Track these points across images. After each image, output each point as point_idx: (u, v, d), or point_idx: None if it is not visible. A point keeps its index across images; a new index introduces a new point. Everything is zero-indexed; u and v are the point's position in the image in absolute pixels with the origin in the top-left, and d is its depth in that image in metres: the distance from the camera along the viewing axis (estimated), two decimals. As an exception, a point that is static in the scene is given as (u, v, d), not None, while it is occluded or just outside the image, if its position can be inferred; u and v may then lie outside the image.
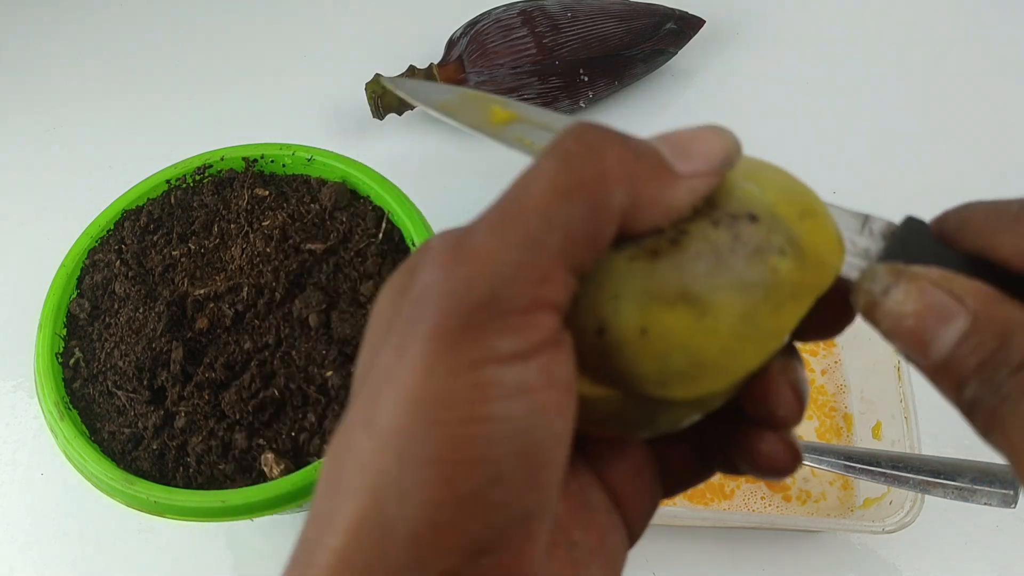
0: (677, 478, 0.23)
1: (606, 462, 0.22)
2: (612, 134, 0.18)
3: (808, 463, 0.43)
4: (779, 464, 0.21)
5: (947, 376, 0.19)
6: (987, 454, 0.50)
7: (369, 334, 0.19)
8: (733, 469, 0.22)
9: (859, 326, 0.21)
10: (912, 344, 0.19)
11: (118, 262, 0.46)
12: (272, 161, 0.49)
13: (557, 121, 0.22)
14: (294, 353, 0.42)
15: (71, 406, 0.42)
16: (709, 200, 0.19)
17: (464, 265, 0.17)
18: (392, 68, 0.63)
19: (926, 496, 0.39)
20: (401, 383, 0.16)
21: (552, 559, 0.19)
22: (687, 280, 0.18)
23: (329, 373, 0.41)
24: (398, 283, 0.18)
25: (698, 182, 0.19)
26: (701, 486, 0.47)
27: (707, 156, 0.19)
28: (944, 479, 0.38)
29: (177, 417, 0.41)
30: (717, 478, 0.47)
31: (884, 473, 0.39)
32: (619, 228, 0.18)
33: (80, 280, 0.46)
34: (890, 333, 0.19)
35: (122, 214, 0.48)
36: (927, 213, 0.23)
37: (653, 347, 0.18)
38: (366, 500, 0.16)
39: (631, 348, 0.18)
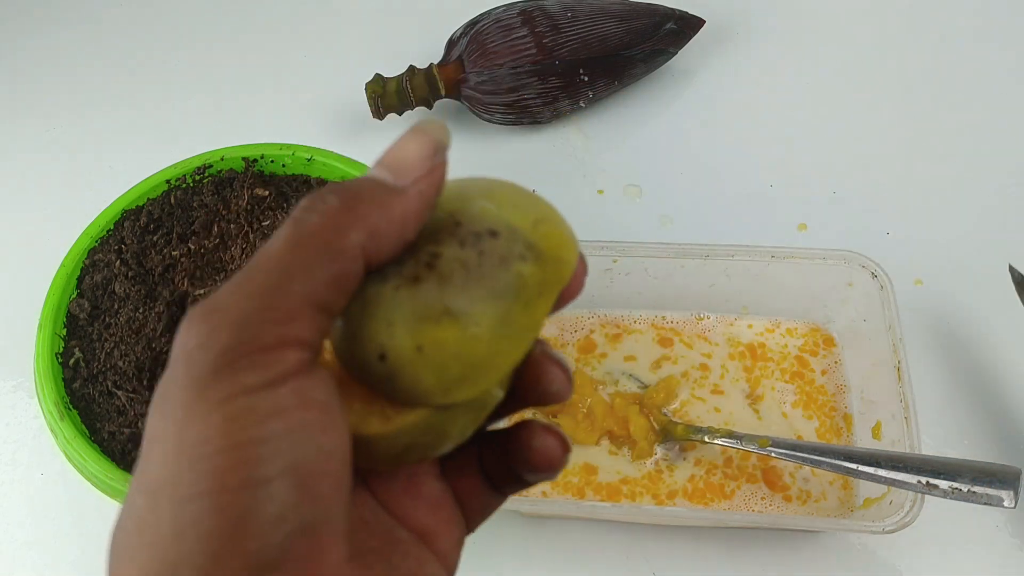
0: (475, 508, 0.24)
1: (404, 505, 0.23)
2: (330, 189, 0.20)
3: (808, 463, 0.43)
4: (554, 455, 0.23)
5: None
6: (987, 454, 0.50)
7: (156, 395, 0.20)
8: (519, 481, 0.24)
9: (859, 326, 0.21)
10: None
11: (118, 262, 0.46)
12: (272, 161, 0.49)
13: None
14: (294, 353, 0.42)
15: (71, 406, 0.42)
16: (454, 219, 0.21)
17: (208, 321, 0.18)
18: (392, 68, 0.63)
19: (926, 496, 0.39)
20: (165, 438, 0.18)
21: (360, 568, 0.20)
22: (447, 298, 0.20)
23: (329, 373, 0.41)
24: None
25: (423, 185, 0.20)
26: (701, 486, 0.47)
27: (419, 158, 0.21)
28: (944, 479, 0.38)
29: (177, 417, 0.41)
30: (718, 478, 0.47)
31: (884, 473, 0.39)
32: (370, 260, 0.20)
33: (80, 280, 0.46)
34: None
35: (122, 214, 0.48)
36: (927, 212, 0.24)
37: (430, 361, 0.20)
38: (147, 555, 0.18)
39: (412, 366, 0.20)
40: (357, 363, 0.21)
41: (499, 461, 0.24)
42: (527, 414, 0.45)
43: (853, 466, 0.41)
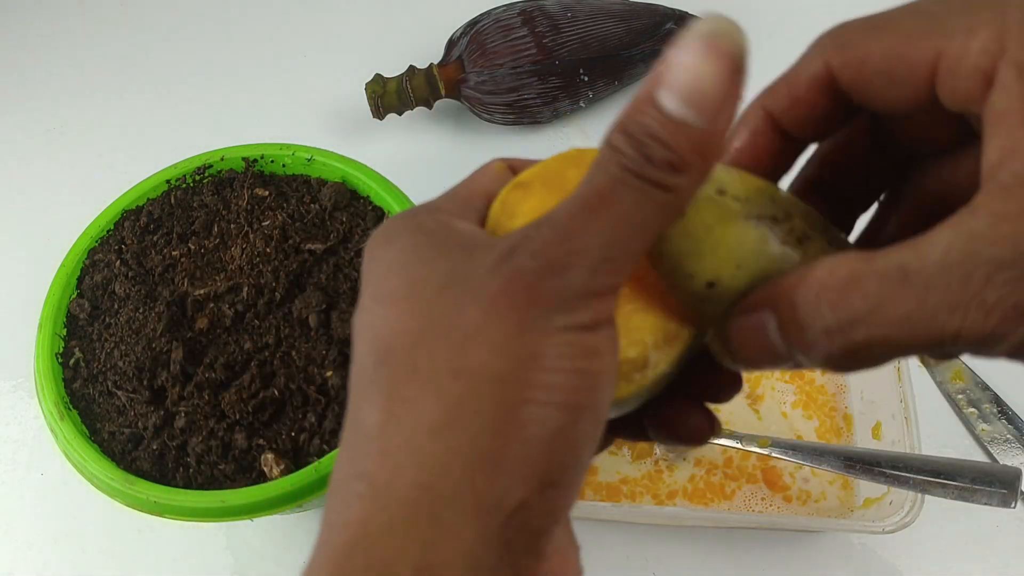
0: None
1: None
2: (641, 131, 0.20)
3: (808, 463, 0.43)
4: (704, 434, 0.24)
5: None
6: (987, 454, 0.50)
7: (410, 279, 0.20)
8: (642, 436, 0.25)
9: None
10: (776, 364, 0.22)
11: (118, 262, 0.46)
12: (272, 161, 0.49)
13: None
14: (294, 353, 0.42)
15: (71, 406, 0.42)
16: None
17: (565, 253, 0.19)
18: (392, 68, 0.63)
19: (926, 496, 0.39)
20: (493, 335, 0.19)
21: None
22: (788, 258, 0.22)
23: (329, 373, 0.41)
24: (439, 244, 0.21)
25: (725, 120, 0.19)
26: (701, 486, 0.47)
27: (722, 89, 0.19)
28: (944, 479, 0.38)
29: (177, 417, 0.41)
30: (719, 478, 0.47)
31: (884, 473, 0.39)
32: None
33: (80, 280, 0.46)
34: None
35: (122, 214, 0.48)
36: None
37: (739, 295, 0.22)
38: (460, 439, 0.18)
39: (729, 298, 0.22)
40: (669, 270, 0.22)
41: (635, 418, 0.24)
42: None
43: (853, 466, 0.41)
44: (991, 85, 0.18)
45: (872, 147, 0.24)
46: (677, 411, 0.24)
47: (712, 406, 0.25)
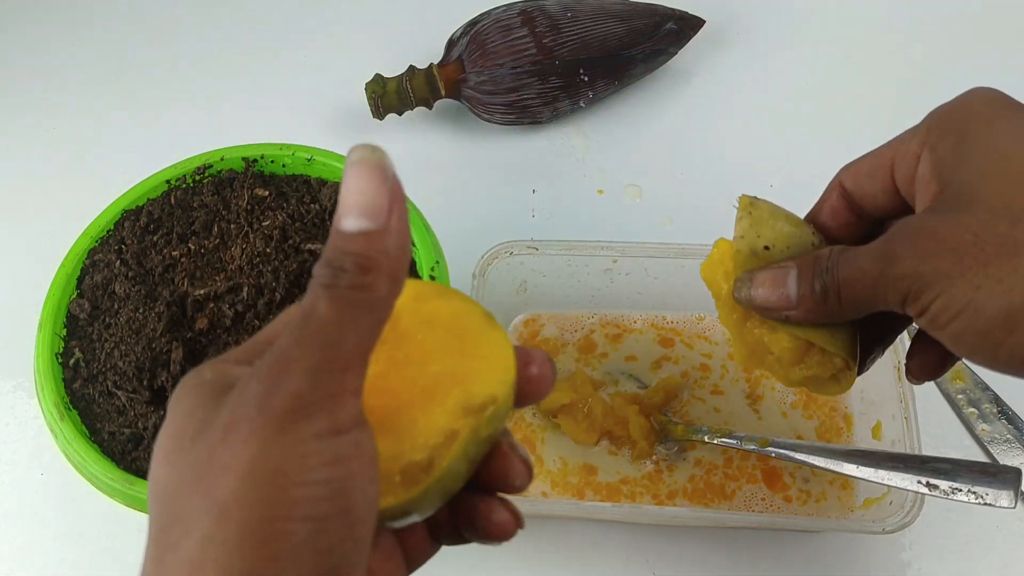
0: (417, 555, 0.27)
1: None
2: (338, 250, 0.22)
3: (808, 463, 0.43)
4: (509, 530, 0.26)
5: (805, 304, 0.31)
6: (987, 454, 0.50)
7: (175, 434, 0.22)
8: (460, 539, 0.27)
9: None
10: (781, 304, 0.31)
11: (118, 262, 0.46)
12: (272, 161, 0.49)
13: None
14: (294, 353, 0.42)
15: (71, 406, 0.42)
16: None
17: (280, 368, 0.21)
18: (392, 68, 0.63)
19: (926, 496, 0.39)
20: (236, 466, 0.20)
21: None
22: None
23: (329, 373, 0.41)
24: (205, 396, 0.22)
25: (397, 211, 0.22)
26: (701, 486, 0.47)
27: (380, 192, 0.22)
28: (944, 479, 0.38)
29: (177, 417, 0.41)
30: (719, 478, 0.47)
31: (884, 473, 0.39)
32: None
33: (80, 280, 0.46)
34: (763, 309, 0.32)
35: (122, 214, 0.48)
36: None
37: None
38: (215, 568, 0.20)
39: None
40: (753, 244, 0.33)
41: (449, 522, 0.27)
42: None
43: (853, 467, 0.41)
44: (916, 178, 0.28)
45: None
46: (481, 508, 0.26)
47: (713, 405, 0.26)
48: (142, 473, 0.40)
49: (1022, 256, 0.25)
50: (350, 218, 0.21)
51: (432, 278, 0.43)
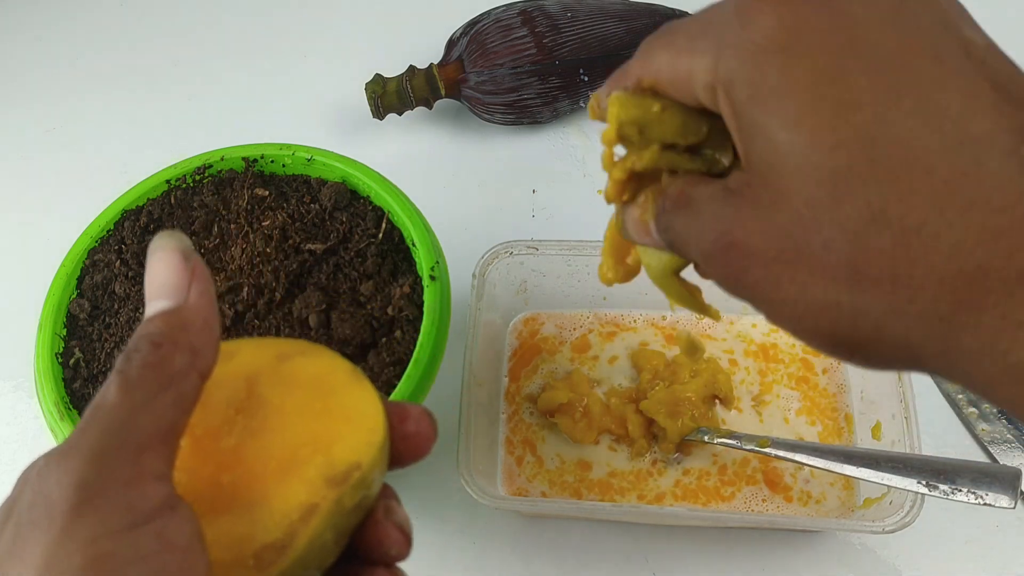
0: None
1: None
2: (138, 336, 0.22)
3: (808, 463, 0.43)
4: None
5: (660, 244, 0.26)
6: (987, 454, 0.50)
7: None
8: None
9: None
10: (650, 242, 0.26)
11: (118, 262, 0.46)
12: (272, 161, 0.49)
13: None
14: (294, 353, 0.42)
15: (71, 406, 0.42)
16: None
17: (63, 459, 0.19)
18: (392, 68, 0.63)
19: (926, 496, 0.39)
20: (27, 570, 0.18)
21: None
22: None
23: (329, 373, 0.41)
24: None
25: (198, 287, 0.22)
26: (702, 485, 0.47)
27: (177, 271, 0.22)
28: (944, 479, 0.38)
29: (177, 417, 0.41)
30: (714, 481, 0.47)
31: (884, 473, 0.39)
32: (203, 370, 0.22)
33: (80, 280, 0.46)
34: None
35: (122, 214, 0.48)
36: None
37: None
38: None
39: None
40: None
41: None
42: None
43: (853, 467, 0.41)
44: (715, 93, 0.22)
45: None
46: None
47: (721, 411, 0.25)
48: (142, 473, 0.40)
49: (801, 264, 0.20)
50: (151, 303, 0.22)
51: (432, 278, 0.43)
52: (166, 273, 0.22)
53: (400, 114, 0.64)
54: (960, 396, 0.51)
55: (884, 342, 0.20)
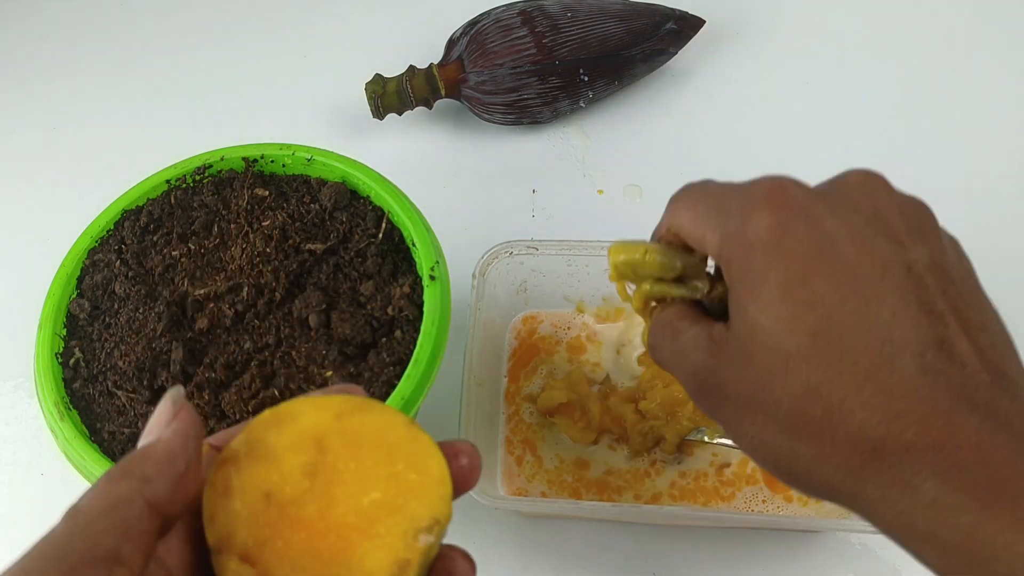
0: None
1: None
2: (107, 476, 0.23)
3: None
4: None
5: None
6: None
7: None
8: None
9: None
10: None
11: (118, 262, 0.46)
12: (272, 161, 0.49)
13: None
14: (294, 353, 0.42)
15: (71, 406, 0.42)
16: None
17: None
18: (392, 68, 0.63)
19: (926, 496, 0.39)
20: None
21: None
22: None
23: (329, 373, 0.41)
24: None
25: (175, 426, 0.24)
26: (701, 485, 0.47)
27: (161, 413, 0.25)
28: (944, 479, 0.38)
29: (177, 417, 0.41)
30: (712, 481, 0.47)
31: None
32: (154, 499, 0.23)
33: (80, 280, 0.46)
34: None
35: (122, 214, 0.48)
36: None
37: None
38: None
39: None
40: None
41: None
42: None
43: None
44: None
45: None
46: None
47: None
48: (142, 473, 0.40)
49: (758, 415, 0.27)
50: (140, 441, 0.24)
51: (432, 278, 0.43)
52: (154, 418, 0.25)
53: (400, 114, 0.64)
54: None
55: (813, 480, 0.26)
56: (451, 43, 0.63)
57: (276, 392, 0.40)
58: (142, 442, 0.24)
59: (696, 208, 0.30)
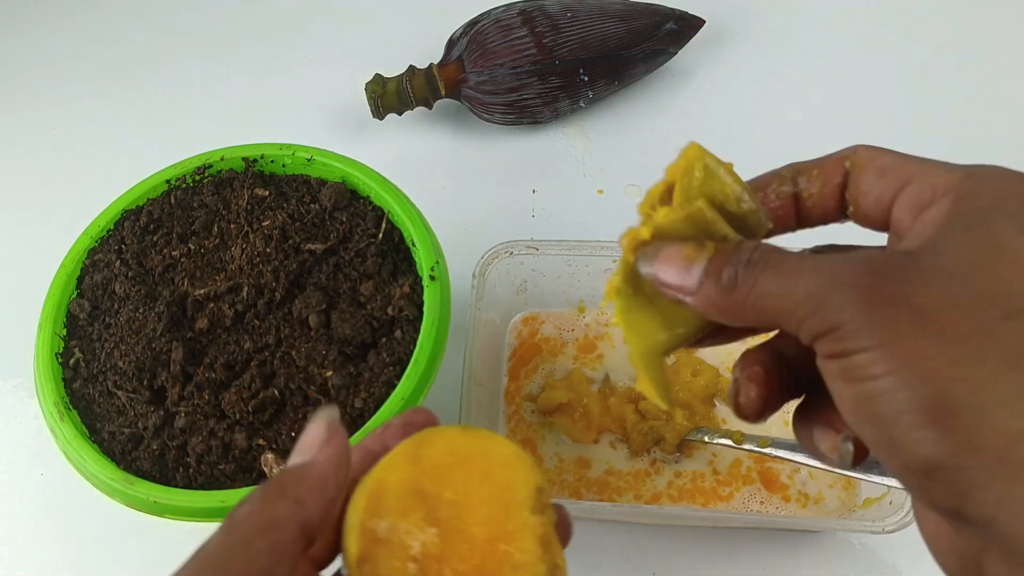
0: None
1: None
2: (261, 486, 0.24)
3: (809, 464, 0.43)
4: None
5: (706, 292, 0.25)
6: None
7: None
8: None
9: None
10: (680, 283, 0.25)
11: (118, 262, 0.46)
12: (272, 161, 0.49)
13: None
14: (294, 353, 0.42)
15: (71, 406, 0.42)
16: None
17: None
18: (392, 68, 0.63)
19: (926, 496, 0.39)
20: None
21: None
22: None
23: (329, 373, 0.41)
24: None
25: (328, 452, 0.25)
26: (700, 485, 0.47)
27: (317, 436, 0.25)
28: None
29: (177, 417, 0.41)
30: (710, 482, 0.47)
31: (884, 473, 0.39)
32: (305, 522, 0.23)
33: (80, 280, 0.46)
34: (661, 285, 0.26)
35: (122, 214, 0.48)
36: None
37: None
38: None
39: None
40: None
41: None
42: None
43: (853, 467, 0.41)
44: (921, 211, 0.24)
45: None
46: None
47: (721, 411, 0.26)
48: (142, 473, 0.40)
49: (998, 361, 0.20)
50: (294, 457, 0.25)
51: (432, 278, 0.43)
52: (308, 437, 0.25)
53: (400, 114, 0.64)
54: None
55: (960, 437, 0.21)
56: (451, 43, 0.63)
57: (276, 392, 0.40)
58: (294, 459, 0.25)
59: (901, 155, 0.26)
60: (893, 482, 0.39)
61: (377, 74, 0.62)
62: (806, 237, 0.29)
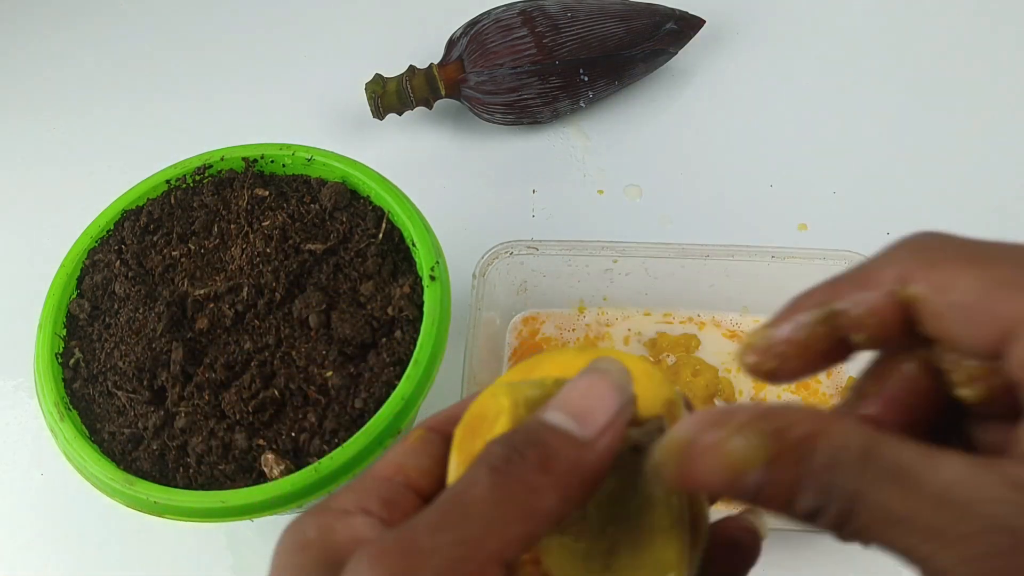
0: None
1: None
2: (524, 439, 0.19)
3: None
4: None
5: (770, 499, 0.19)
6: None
7: None
8: None
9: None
10: (728, 489, 0.19)
11: (118, 262, 0.46)
12: (272, 161, 0.49)
13: None
14: (294, 353, 0.42)
15: (71, 406, 0.42)
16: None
17: (407, 560, 0.18)
18: (392, 68, 0.63)
19: (926, 496, 0.39)
20: None
21: None
22: None
23: (329, 373, 0.41)
24: (310, 568, 0.20)
25: (609, 439, 0.19)
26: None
27: (606, 408, 0.20)
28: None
29: (177, 417, 0.41)
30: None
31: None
32: (559, 519, 0.19)
33: (80, 280, 0.46)
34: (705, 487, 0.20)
35: (122, 214, 0.48)
36: (927, 212, 0.24)
37: None
38: None
39: None
40: None
41: None
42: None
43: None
44: None
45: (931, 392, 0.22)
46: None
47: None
48: (142, 473, 0.40)
49: None
50: (561, 414, 0.19)
51: (432, 278, 0.43)
52: (591, 396, 0.20)
53: (400, 114, 0.64)
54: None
55: None
56: (451, 43, 0.63)
57: (276, 392, 0.40)
58: (559, 418, 0.20)
59: (990, 266, 0.18)
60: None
61: (377, 74, 0.62)
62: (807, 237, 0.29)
